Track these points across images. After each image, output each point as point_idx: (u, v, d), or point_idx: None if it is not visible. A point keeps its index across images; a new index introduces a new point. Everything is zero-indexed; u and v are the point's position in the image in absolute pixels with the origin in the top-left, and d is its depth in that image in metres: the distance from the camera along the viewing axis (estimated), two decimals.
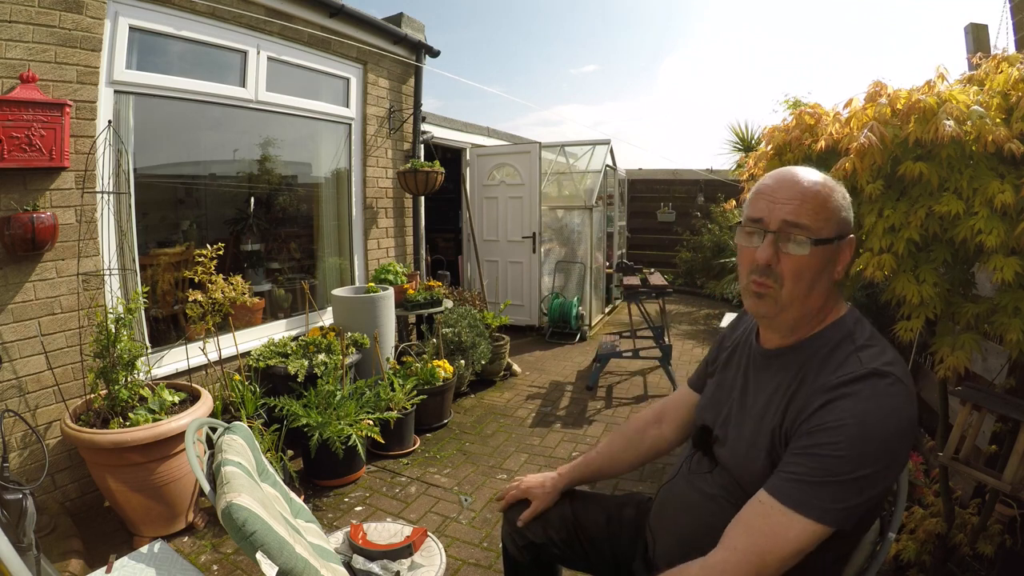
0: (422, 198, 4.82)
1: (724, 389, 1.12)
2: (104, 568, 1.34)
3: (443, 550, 1.57)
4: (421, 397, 3.13)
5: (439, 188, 4.33)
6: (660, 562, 1.12)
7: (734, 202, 2.44)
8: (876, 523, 1.02)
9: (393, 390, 3.07)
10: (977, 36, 2.13)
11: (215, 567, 2.10)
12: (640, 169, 9.65)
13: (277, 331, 3.57)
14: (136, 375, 2.30)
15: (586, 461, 1.36)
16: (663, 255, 9.13)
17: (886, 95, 1.43)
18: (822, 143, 1.54)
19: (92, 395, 2.24)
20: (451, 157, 5.78)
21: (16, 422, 2.19)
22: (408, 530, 1.61)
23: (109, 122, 2.54)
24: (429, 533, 1.62)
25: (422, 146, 4.80)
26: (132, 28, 2.62)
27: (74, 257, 2.40)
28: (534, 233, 5.64)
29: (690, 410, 1.28)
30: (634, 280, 4.72)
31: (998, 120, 1.25)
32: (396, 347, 3.71)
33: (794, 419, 0.91)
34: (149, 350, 2.68)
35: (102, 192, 2.52)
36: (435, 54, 4.71)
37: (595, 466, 1.35)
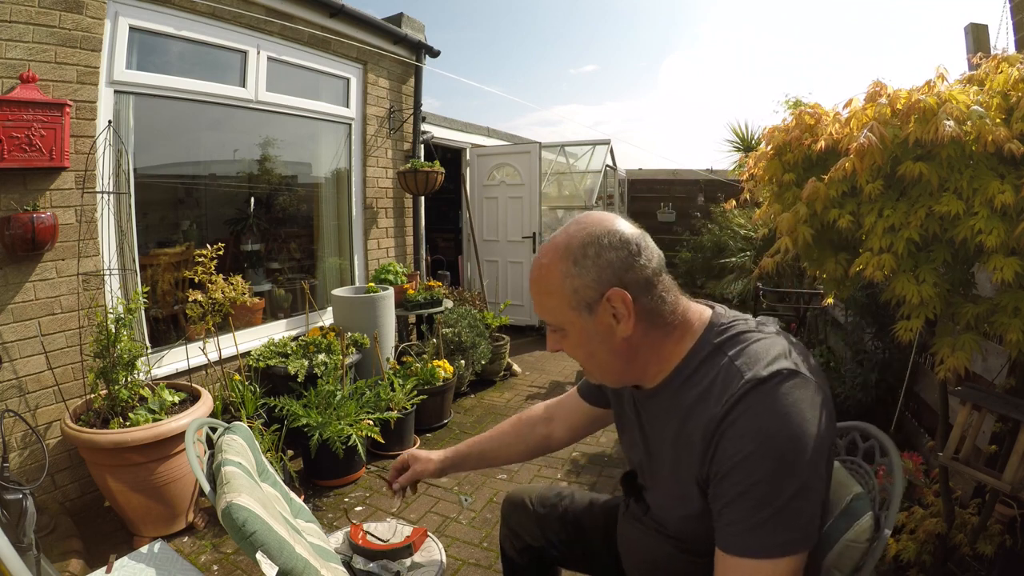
0: (422, 198, 4.82)
1: (628, 427, 1.07)
2: (104, 568, 1.34)
3: (443, 550, 1.57)
4: (421, 397, 3.13)
5: (439, 188, 4.34)
6: None
7: (734, 202, 2.44)
8: (871, 521, 1.02)
9: (393, 390, 3.07)
10: (977, 36, 2.13)
11: (215, 567, 2.10)
12: (640, 169, 9.65)
13: (277, 331, 3.57)
14: (136, 375, 2.30)
15: (475, 441, 1.35)
16: (663, 255, 9.13)
17: (886, 95, 1.43)
18: (822, 143, 1.53)
19: (92, 395, 2.24)
20: (451, 157, 5.78)
21: (16, 422, 2.20)
22: (408, 530, 1.60)
23: (109, 122, 2.54)
24: (429, 533, 1.62)
25: (422, 146, 4.80)
26: (132, 28, 2.62)
27: (74, 257, 2.40)
28: (534, 233, 5.64)
29: (581, 417, 1.26)
30: None
31: (998, 120, 1.24)
32: (396, 347, 3.71)
33: (700, 461, 0.84)
34: (149, 350, 2.68)
35: (102, 192, 2.52)
36: (435, 54, 4.71)
37: (482, 447, 1.33)
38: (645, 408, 0.99)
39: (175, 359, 2.86)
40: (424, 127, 4.90)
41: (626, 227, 0.90)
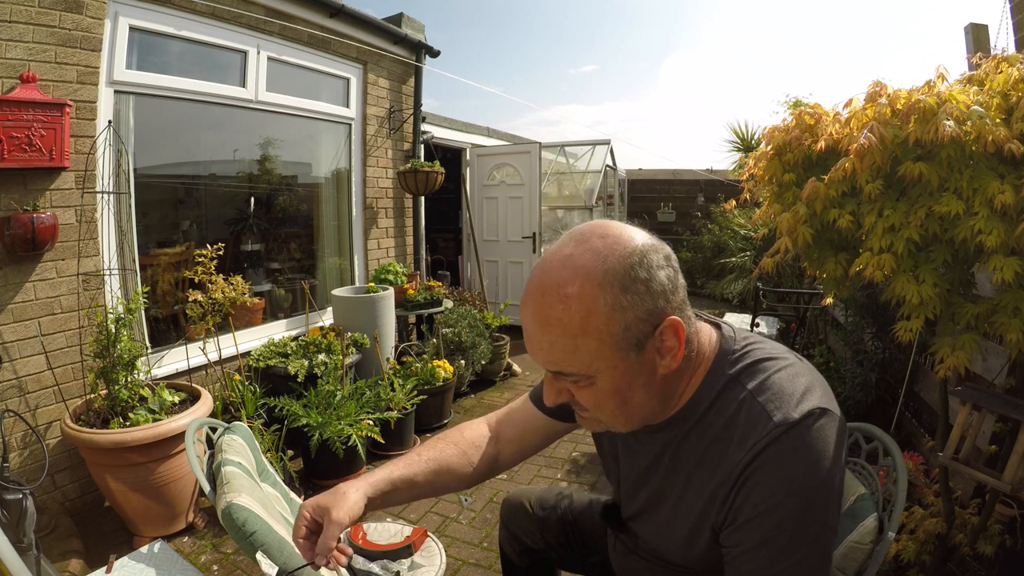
0: (422, 198, 4.82)
1: (618, 455, 0.97)
2: (104, 568, 1.34)
3: (443, 550, 1.57)
4: (421, 397, 3.13)
5: (439, 188, 4.34)
6: None
7: (734, 202, 2.44)
8: (875, 522, 1.02)
9: (393, 390, 3.07)
10: (977, 36, 2.13)
11: (215, 567, 2.10)
12: (640, 169, 9.66)
13: (277, 331, 3.57)
14: (136, 375, 2.30)
15: (406, 463, 0.97)
16: None
17: (886, 95, 1.43)
18: (822, 143, 1.53)
19: (92, 395, 2.24)
20: (451, 157, 5.78)
21: (16, 422, 2.19)
22: (408, 530, 1.60)
23: (109, 122, 2.54)
24: (429, 533, 1.61)
25: (422, 146, 4.80)
26: (132, 28, 2.62)
27: (74, 257, 2.40)
28: (534, 233, 5.64)
29: (534, 436, 1.05)
30: None
31: (998, 120, 1.25)
32: (396, 347, 3.71)
33: (720, 507, 0.76)
34: (149, 350, 2.68)
35: (102, 192, 2.52)
36: (435, 54, 4.71)
37: (418, 470, 0.97)
38: (643, 442, 0.88)
39: (175, 359, 2.86)
40: (424, 127, 4.90)
41: (654, 237, 0.75)
